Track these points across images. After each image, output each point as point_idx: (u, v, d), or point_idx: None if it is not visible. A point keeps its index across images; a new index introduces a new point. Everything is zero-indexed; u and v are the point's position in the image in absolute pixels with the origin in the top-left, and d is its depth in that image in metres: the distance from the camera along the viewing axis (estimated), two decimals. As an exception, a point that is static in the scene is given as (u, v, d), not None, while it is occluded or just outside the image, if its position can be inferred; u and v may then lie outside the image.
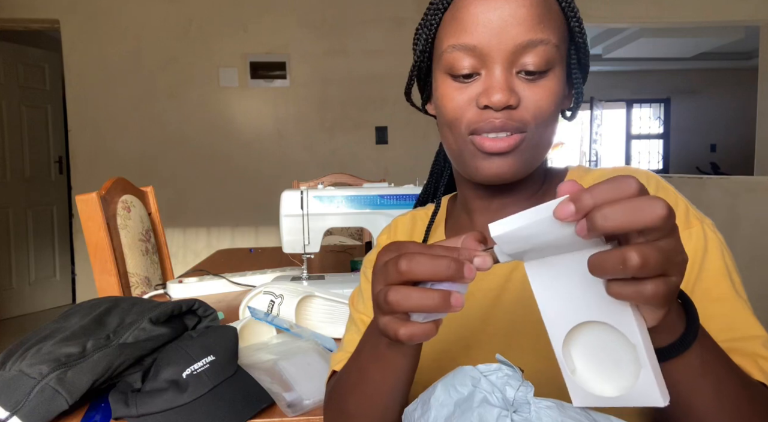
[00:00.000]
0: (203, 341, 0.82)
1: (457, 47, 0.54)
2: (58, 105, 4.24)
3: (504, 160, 0.55)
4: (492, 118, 0.53)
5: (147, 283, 1.72)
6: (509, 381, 0.43)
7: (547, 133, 0.56)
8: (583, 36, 0.57)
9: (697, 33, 5.68)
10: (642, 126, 8.12)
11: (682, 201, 0.58)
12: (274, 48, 3.77)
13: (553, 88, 0.54)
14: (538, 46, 0.52)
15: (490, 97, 0.53)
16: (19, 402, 0.70)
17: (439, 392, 0.44)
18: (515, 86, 0.53)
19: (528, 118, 0.54)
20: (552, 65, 0.54)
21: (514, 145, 0.54)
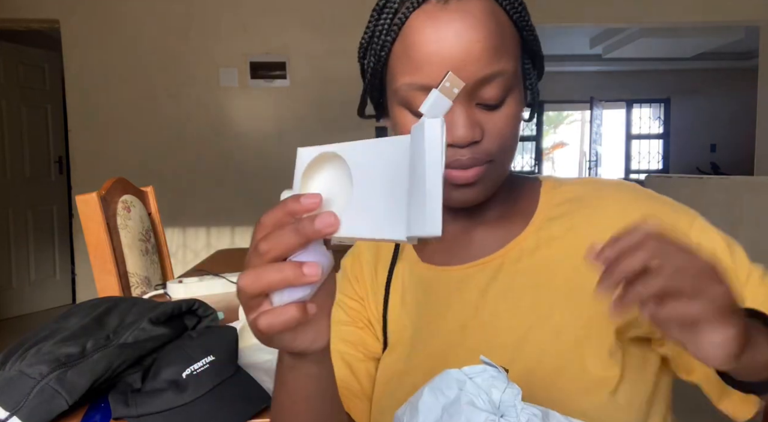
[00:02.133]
0: (203, 341, 0.82)
1: (414, 87, 0.52)
2: (58, 105, 4.23)
3: (474, 188, 0.55)
4: (458, 155, 0.52)
5: (147, 283, 1.72)
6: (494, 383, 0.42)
7: (510, 155, 0.56)
8: (537, 43, 0.56)
9: (697, 33, 5.68)
10: (642, 126, 8.12)
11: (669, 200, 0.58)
12: (274, 48, 3.77)
13: (512, 112, 0.53)
14: (496, 78, 0.51)
15: (453, 134, 0.51)
16: (19, 402, 0.70)
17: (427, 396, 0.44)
18: (477, 120, 0.52)
19: (494, 149, 0.53)
20: (509, 91, 0.53)
21: (481, 174, 0.54)
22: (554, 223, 0.59)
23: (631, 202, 0.57)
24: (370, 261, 0.70)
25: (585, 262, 0.52)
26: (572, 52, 7.00)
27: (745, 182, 2.91)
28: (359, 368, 0.65)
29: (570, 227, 0.58)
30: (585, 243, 0.54)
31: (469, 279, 0.60)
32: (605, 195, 0.59)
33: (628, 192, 0.59)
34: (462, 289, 0.60)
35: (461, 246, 0.63)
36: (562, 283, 0.55)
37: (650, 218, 0.56)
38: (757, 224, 2.71)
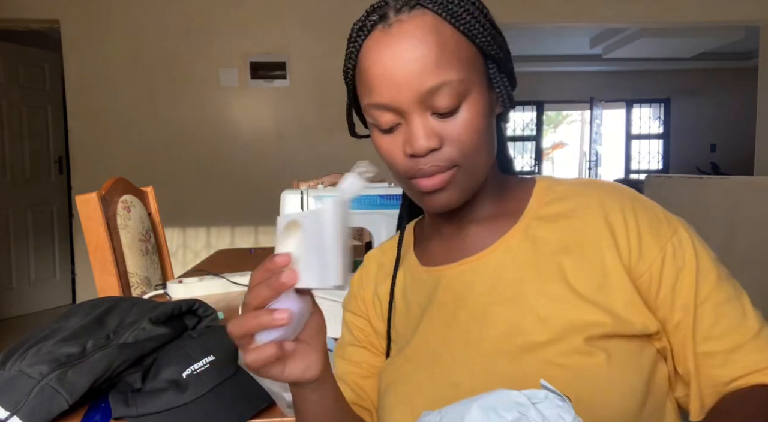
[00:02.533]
0: (203, 341, 0.82)
1: (373, 106, 0.57)
2: (58, 105, 4.23)
3: (444, 193, 0.58)
4: (420, 165, 0.56)
5: (147, 283, 1.72)
6: (561, 414, 0.39)
7: (480, 157, 0.58)
8: (495, 47, 0.58)
9: (697, 33, 5.68)
10: (642, 126, 8.11)
11: (656, 206, 0.60)
12: (274, 48, 3.77)
13: (470, 117, 0.56)
14: (442, 88, 0.54)
15: (412, 146, 0.55)
16: (19, 402, 0.70)
17: (477, 414, 0.41)
18: (434, 129, 0.55)
19: (455, 155, 0.56)
20: (463, 98, 0.55)
21: (447, 179, 0.57)
22: (542, 222, 0.61)
23: (615, 203, 0.59)
24: (376, 274, 0.74)
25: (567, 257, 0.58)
26: (572, 52, 7.00)
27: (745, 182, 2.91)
28: (365, 384, 0.70)
29: (555, 225, 0.60)
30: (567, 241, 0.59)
31: (462, 275, 0.63)
32: (591, 195, 0.61)
33: (613, 192, 0.61)
34: (455, 286, 0.63)
35: (455, 245, 0.66)
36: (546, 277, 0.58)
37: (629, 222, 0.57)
38: (757, 224, 2.71)
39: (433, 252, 0.68)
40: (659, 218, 0.58)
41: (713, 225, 3.18)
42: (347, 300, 0.76)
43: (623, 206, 0.59)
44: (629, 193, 0.61)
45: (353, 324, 0.73)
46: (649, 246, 0.56)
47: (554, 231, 0.60)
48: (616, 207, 0.59)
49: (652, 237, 0.57)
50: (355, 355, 0.71)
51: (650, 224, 0.57)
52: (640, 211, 0.58)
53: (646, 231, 0.57)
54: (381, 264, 0.74)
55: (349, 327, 0.74)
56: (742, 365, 0.54)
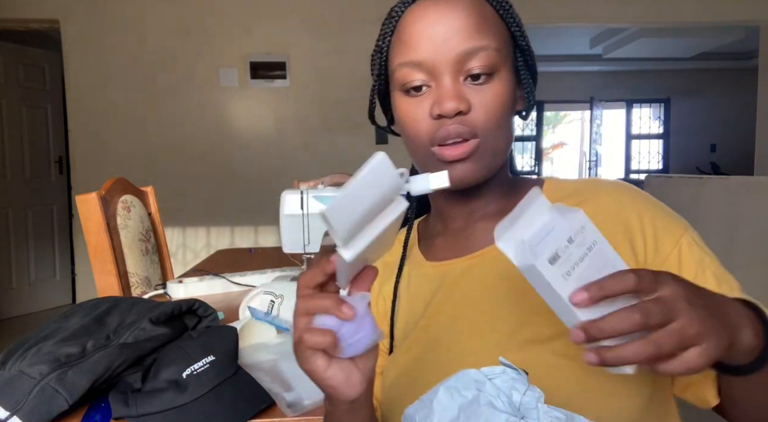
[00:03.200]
0: (203, 341, 0.82)
1: (406, 64, 0.58)
2: (58, 105, 4.23)
3: (464, 165, 0.58)
4: (446, 125, 0.57)
5: (147, 283, 1.72)
6: (515, 385, 0.42)
7: (501, 137, 0.59)
8: (525, 39, 0.61)
9: (697, 33, 5.68)
10: (642, 126, 8.11)
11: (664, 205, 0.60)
12: (274, 48, 3.77)
13: (500, 90, 0.58)
14: (479, 52, 0.56)
15: (441, 105, 0.56)
16: (19, 402, 0.70)
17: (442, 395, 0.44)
18: (464, 93, 0.57)
19: (480, 122, 0.57)
20: (496, 69, 0.57)
21: (470, 150, 0.57)
22: None
23: (627, 200, 0.59)
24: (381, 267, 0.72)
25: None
26: (572, 52, 7.00)
27: (745, 182, 2.91)
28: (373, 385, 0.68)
29: None
30: None
31: (470, 270, 0.63)
32: (602, 191, 0.61)
33: (625, 190, 0.61)
34: (463, 281, 0.63)
35: (461, 241, 0.66)
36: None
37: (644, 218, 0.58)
38: (757, 224, 2.71)
39: (439, 248, 0.68)
40: (670, 215, 0.59)
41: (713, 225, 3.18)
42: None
43: (636, 203, 0.59)
44: (639, 192, 0.62)
45: None
46: (664, 240, 0.57)
47: None
48: (630, 204, 0.59)
49: (666, 231, 0.57)
50: None
51: (664, 219, 0.58)
52: (652, 207, 0.59)
53: (661, 226, 0.57)
54: (385, 264, 0.73)
55: None
56: None
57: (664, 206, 0.61)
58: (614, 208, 0.59)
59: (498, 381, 0.43)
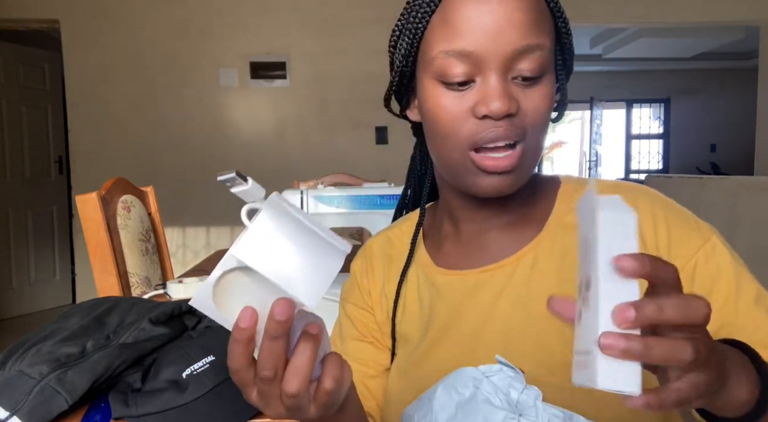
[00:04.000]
0: (203, 341, 0.82)
1: (451, 53, 0.51)
2: (58, 105, 4.23)
3: (504, 178, 0.53)
4: (492, 127, 0.51)
5: (147, 283, 1.72)
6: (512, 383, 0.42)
7: (541, 141, 0.55)
8: (569, 37, 0.56)
9: (697, 33, 5.68)
10: (642, 126, 8.11)
11: (688, 213, 0.56)
12: (274, 48, 3.77)
13: (547, 93, 0.52)
14: (535, 51, 0.50)
15: (489, 105, 0.50)
16: (19, 402, 0.70)
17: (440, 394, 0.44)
18: (513, 93, 0.51)
19: (527, 126, 0.52)
20: (546, 70, 0.52)
21: (516, 162, 0.52)
22: (568, 230, 0.57)
23: (647, 208, 0.55)
24: (382, 267, 0.68)
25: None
26: (572, 52, 7.00)
27: (745, 182, 2.91)
28: (373, 385, 0.66)
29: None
30: None
31: (483, 284, 0.58)
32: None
33: (645, 198, 0.56)
34: (475, 295, 0.59)
35: (474, 250, 0.61)
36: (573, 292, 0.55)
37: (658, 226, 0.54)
38: (757, 224, 2.71)
39: (449, 254, 0.63)
40: (690, 225, 0.55)
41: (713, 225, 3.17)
42: (348, 291, 0.71)
43: (654, 212, 0.55)
44: (660, 198, 0.57)
45: (356, 317, 0.68)
46: (679, 254, 0.53)
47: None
48: (647, 213, 0.55)
49: (682, 244, 0.53)
50: (360, 351, 0.67)
51: (681, 231, 0.54)
52: (671, 217, 0.55)
53: (677, 239, 0.54)
54: (389, 259, 0.68)
55: (351, 321, 0.69)
56: None
57: (685, 213, 0.56)
58: None
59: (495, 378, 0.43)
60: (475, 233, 0.62)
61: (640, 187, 0.59)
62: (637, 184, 0.60)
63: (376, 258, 0.69)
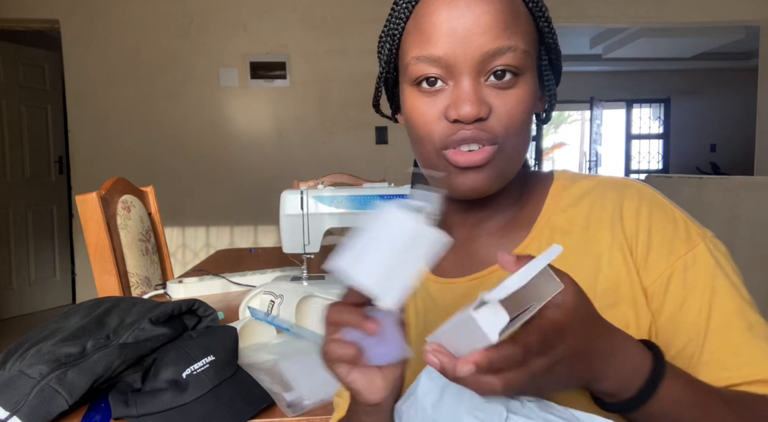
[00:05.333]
0: (203, 341, 0.82)
1: (422, 59, 0.52)
2: (58, 105, 4.23)
3: (478, 174, 0.53)
4: (462, 130, 0.51)
5: (147, 283, 1.72)
6: None
7: (520, 143, 0.54)
8: (553, 36, 0.55)
9: (697, 33, 5.68)
10: (642, 126, 8.11)
11: (680, 216, 0.54)
12: (274, 48, 3.77)
13: (523, 95, 0.52)
14: (506, 53, 0.50)
15: (459, 109, 0.50)
16: (19, 402, 0.70)
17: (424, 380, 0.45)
18: (485, 96, 0.51)
19: (500, 129, 0.51)
20: (521, 72, 0.51)
21: (488, 157, 0.52)
22: (555, 231, 0.57)
23: (632, 207, 0.54)
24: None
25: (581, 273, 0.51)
26: (572, 52, 7.00)
27: (745, 182, 2.91)
28: None
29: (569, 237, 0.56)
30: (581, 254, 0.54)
31: (472, 293, 0.58)
32: (609, 197, 0.56)
33: (633, 195, 0.55)
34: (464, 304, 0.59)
35: (464, 257, 0.61)
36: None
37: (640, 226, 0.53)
38: (757, 224, 2.71)
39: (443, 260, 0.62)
40: (676, 230, 0.53)
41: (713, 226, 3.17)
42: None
43: (639, 212, 0.54)
44: (651, 197, 0.56)
45: None
46: (657, 260, 0.52)
47: (568, 243, 0.55)
48: (632, 212, 0.54)
49: (662, 249, 0.52)
50: None
51: (663, 235, 0.53)
52: (657, 218, 0.53)
53: (657, 243, 0.52)
54: None
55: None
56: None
57: (677, 216, 0.54)
58: (617, 216, 0.54)
59: None
60: (465, 239, 0.61)
61: (635, 183, 0.57)
62: (633, 180, 0.58)
63: None
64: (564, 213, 0.57)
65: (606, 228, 0.54)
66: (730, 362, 0.49)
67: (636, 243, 0.53)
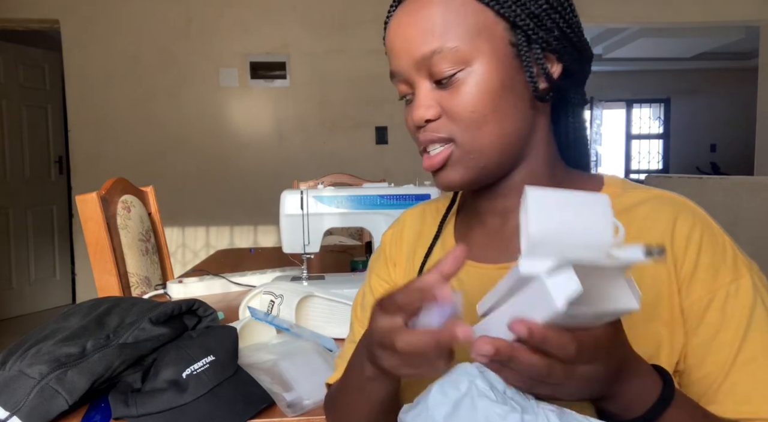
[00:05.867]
0: (203, 341, 0.82)
1: (392, 75, 0.58)
2: (58, 105, 4.23)
3: (445, 173, 0.57)
4: (421, 133, 0.56)
5: (147, 283, 1.72)
6: None
7: (484, 134, 0.54)
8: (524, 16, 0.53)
9: (697, 33, 5.68)
10: (642, 126, 8.11)
11: (729, 244, 0.54)
12: (274, 48, 3.77)
13: (469, 90, 0.53)
14: (433, 56, 0.53)
15: (412, 115, 0.56)
16: (18, 402, 0.70)
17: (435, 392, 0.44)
18: (434, 98, 0.55)
19: (451, 127, 0.55)
20: (460, 66, 0.53)
21: (443, 158, 0.56)
22: None
23: (684, 226, 0.53)
24: (411, 242, 0.70)
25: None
26: (572, 52, 7.00)
27: (745, 182, 2.91)
28: None
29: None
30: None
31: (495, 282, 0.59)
32: (663, 211, 0.55)
33: (687, 215, 0.54)
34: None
35: (500, 244, 0.61)
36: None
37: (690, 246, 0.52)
38: (757, 224, 2.71)
39: (474, 242, 0.63)
40: (725, 258, 0.53)
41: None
42: (375, 261, 0.73)
43: (692, 232, 0.53)
44: (703, 219, 0.55)
45: (378, 290, 0.70)
46: (701, 283, 0.51)
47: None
48: (685, 230, 0.53)
49: (707, 273, 0.51)
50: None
51: (711, 260, 0.52)
52: (706, 242, 0.53)
53: (703, 266, 0.52)
54: (419, 236, 0.69)
55: (373, 293, 0.70)
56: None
57: (726, 244, 0.54)
58: (668, 233, 0.53)
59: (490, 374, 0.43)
60: (498, 226, 0.62)
61: (690, 202, 0.56)
62: (687, 199, 0.57)
63: (406, 232, 0.71)
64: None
65: (655, 242, 0.53)
66: (753, 396, 0.49)
67: (683, 262, 0.52)
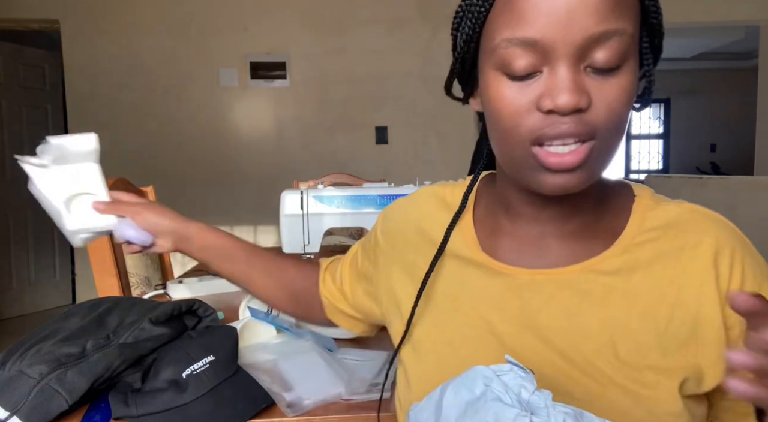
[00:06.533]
0: (203, 341, 0.82)
1: (514, 41, 0.45)
2: (58, 105, 4.23)
3: (571, 175, 0.47)
4: (558, 123, 0.45)
5: (147, 283, 1.72)
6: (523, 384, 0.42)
7: (618, 139, 0.48)
8: (659, 16, 0.48)
9: (697, 33, 5.68)
10: (642, 126, 8.11)
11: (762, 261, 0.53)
12: (274, 48, 3.77)
13: (626, 84, 0.46)
14: (612, 38, 0.44)
15: (556, 99, 0.44)
16: (18, 402, 0.70)
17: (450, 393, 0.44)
18: (585, 85, 0.45)
19: (599, 123, 0.46)
20: (626, 58, 0.45)
21: (583, 158, 0.46)
22: (640, 250, 0.53)
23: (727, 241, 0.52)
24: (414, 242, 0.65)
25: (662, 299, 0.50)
26: (572, 52, 7.01)
27: (745, 182, 2.91)
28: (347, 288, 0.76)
29: (657, 258, 0.52)
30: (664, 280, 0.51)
31: (534, 286, 0.55)
32: (702, 229, 0.53)
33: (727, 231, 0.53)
34: (523, 295, 0.55)
35: (533, 251, 0.57)
36: (635, 317, 0.51)
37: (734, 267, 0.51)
38: (757, 224, 2.71)
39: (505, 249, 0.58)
40: (764, 274, 0.52)
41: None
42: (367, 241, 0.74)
43: (734, 249, 0.51)
44: (741, 237, 0.54)
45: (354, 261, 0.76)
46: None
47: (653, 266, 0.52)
48: (727, 248, 0.51)
49: (753, 289, 0.50)
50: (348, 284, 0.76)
51: (754, 277, 0.51)
52: (748, 260, 0.51)
53: (749, 283, 0.50)
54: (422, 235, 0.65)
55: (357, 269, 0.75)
56: None
57: (761, 261, 0.53)
58: (711, 252, 0.51)
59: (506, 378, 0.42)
60: (534, 234, 0.57)
61: (724, 219, 0.54)
62: (719, 215, 0.55)
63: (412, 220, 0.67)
64: (650, 233, 0.54)
65: (699, 261, 0.51)
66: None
67: (729, 277, 0.50)
